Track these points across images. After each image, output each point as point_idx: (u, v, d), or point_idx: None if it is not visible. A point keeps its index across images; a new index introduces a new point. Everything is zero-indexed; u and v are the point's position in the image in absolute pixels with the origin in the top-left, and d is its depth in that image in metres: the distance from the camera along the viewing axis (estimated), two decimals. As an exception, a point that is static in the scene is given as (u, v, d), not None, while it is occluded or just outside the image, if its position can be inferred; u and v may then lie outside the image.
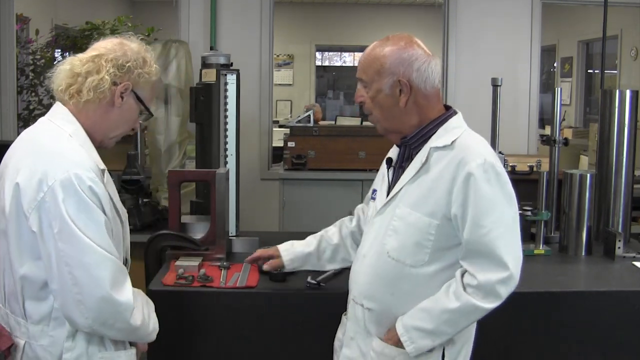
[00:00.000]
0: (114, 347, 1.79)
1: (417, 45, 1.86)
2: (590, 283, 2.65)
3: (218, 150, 2.97)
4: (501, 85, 3.21)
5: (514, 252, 1.76)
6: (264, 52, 4.72)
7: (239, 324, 2.33)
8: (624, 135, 3.12)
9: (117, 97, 1.78)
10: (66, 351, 1.72)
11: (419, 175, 1.84)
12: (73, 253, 1.62)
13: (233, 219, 2.95)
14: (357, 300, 1.94)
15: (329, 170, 4.67)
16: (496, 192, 1.75)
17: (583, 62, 9.11)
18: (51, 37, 5.78)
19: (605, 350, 2.38)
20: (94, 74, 1.75)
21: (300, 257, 2.22)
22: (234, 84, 2.96)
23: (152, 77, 1.83)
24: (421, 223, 1.80)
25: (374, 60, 1.85)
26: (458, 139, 1.82)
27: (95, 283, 1.63)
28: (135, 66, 1.79)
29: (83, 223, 1.62)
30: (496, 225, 1.74)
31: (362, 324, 1.92)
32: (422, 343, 1.80)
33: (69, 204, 1.61)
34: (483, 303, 1.75)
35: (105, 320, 1.67)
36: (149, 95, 1.85)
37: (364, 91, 1.89)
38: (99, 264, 1.63)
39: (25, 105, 5.30)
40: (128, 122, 1.85)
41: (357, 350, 1.93)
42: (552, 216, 3.07)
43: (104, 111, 1.79)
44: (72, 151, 1.69)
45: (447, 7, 4.88)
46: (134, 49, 1.81)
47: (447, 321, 1.78)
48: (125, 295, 1.68)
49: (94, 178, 1.66)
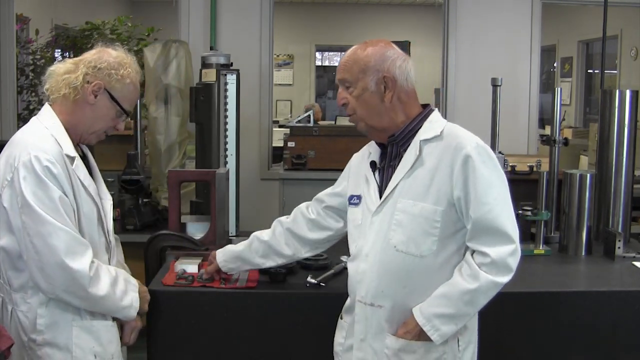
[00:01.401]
0: (89, 316, 1.98)
1: (395, 48, 1.97)
2: (590, 283, 2.64)
3: (218, 150, 2.98)
4: (501, 85, 3.20)
5: (514, 226, 1.85)
6: (264, 52, 4.71)
7: (239, 324, 2.32)
8: (624, 135, 3.13)
9: (90, 94, 1.98)
10: (39, 317, 1.92)
11: (414, 168, 1.89)
12: (31, 224, 1.84)
13: (233, 219, 2.96)
14: (365, 301, 1.93)
15: (328, 170, 4.65)
16: (491, 172, 1.85)
17: (583, 62, 9.11)
18: (51, 37, 5.78)
19: (605, 350, 2.38)
20: (70, 74, 1.98)
21: (233, 257, 2.31)
22: (234, 84, 2.96)
23: (126, 80, 2.02)
24: (426, 212, 1.85)
25: (357, 60, 1.94)
26: (445, 129, 1.92)
27: (49, 250, 1.84)
28: (107, 67, 1.99)
29: (38, 198, 1.84)
30: (497, 201, 1.83)
31: (373, 324, 1.92)
32: (446, 329, 1.84)
33: (28, 182, 1.85)
34: (499, 278, 1.82)
35: (66, 287, 1.87)
36: (125, 96, 2.03)
37: (346, 92, 1.96)
38: (51, 233, 1.84)
39: (25, 105, 5.30)
40: (104, 119, 2.03)
41: (370, 351, 1.93)
42: (552, 216, 3.07)
43: (79, 108, 2.00)
44: (38, 139, 1.92)
45: (447, 7, 4.88)
46: (112, 54, 2.04)
47: (468, 302, 1.83)
48: (80, 263, 1.87)
49: (51, 159, 1.87)
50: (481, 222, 1.82)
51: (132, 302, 2.04)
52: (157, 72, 4.09)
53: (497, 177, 1.86)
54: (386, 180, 1.96)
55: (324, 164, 4.66)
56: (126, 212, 3.59)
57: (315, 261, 2.53)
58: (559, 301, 2.38)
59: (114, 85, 2.00)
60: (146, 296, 2.18)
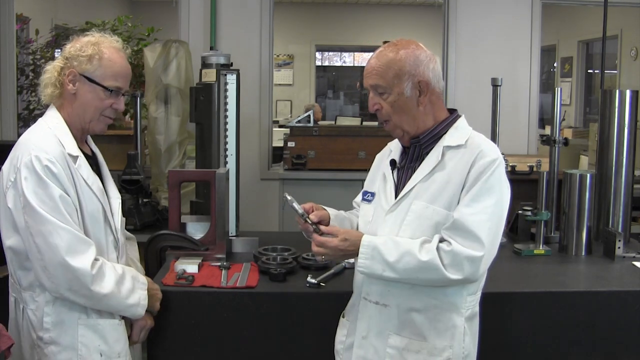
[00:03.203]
0: (96, 315, 1.98)
1: (423, 47, 1.93)
2: (590, 283, 2.64)
3: (218, 150, 2.97)
4: (501, 85, 3.21)
5: (491, 240, 1.82)
6: (264, 52, 4.71)
7: (239, 324, 2.33)
8: (624, 135, 3.13)
9: (67, 84, 1.99)
10: (46, 315, 1.94)
11: (433, 172, 1.88)
12: (33, 223, 1.85)
13: (233, 219, 2.95)
14: (369, 298, 1.94)
15: (328, 170, 4.67)
16: (497, 186, 1.84)
17: (583, 62, 9.11)
18: (51, 37, 5.77)
19: (605, 350, 2.38)
20: (48, 72, 2.01)
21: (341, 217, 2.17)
22: (234, 84, 2.96)
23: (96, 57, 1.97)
24: (437, 215, 1.85)
25: (390, 65, 1.88)
26: (470, 138, 1.91)
27: (51, 249, 1.85)
28: (75, 54, 1.98)
29: (39, 197, 1.85)
30: (485, 210, 1.81)
31: (376, 322, 1.93)
32: (375, 266, 1.84)
33: (29, 182, 1.86)
34: (446, 269, 1.79)
35: (69, 285, 1.88)
36: (104, 74, 1.99)
37: (379, 98, 1.91)
38: (52, 232, 1.85)
39: (25, 105, 5.30)
40: (92, 103, 2.01)
41: (371, 349, 1.94)
42: (552, 216, 3.07)
43: (68, 101, 2.01)
44: (39, 139, 1.93)
45: (447, 7, 4.88)
46: (82, 40, 2.02)
47: (407, 265, 1.81)
48: (82, 262, 1.87)
49: (51, 159, 1.88)
50: (461, 221, 1.81)
51: (140, 300, 2.03)
52: (157, 72, 4.09)
53: (500, 192, 1.85)
54: (404, 180, 1.95)
55: (324, 164, 4.67)
56: (126, 212, 3.59)
57: (315, 261, 2.53)
58: (559, 301, 2.38)
59: (85, 67, 1.97)
60: (157, 294, 2.18)
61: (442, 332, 1.88)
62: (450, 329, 1.89)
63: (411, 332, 1.89)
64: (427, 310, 1.88)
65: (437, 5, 5.58)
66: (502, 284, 2.43)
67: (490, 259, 1.85)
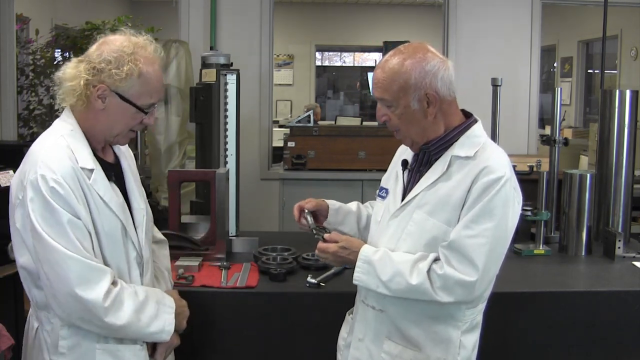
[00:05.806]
0: (115, 340, 1.81)
1: (432, 52, 1.83)
2: (590, 283, 2.64)
3: (218, 150, 2.97)
4: (501, 85, 3.20)
5: (487, 265, 1.76)
6: (264, 52, 4.72)
7: (239, 324, 2.33)
8: (624, 135, 3.12)
9: (95, 99, 1.77)
10: (61, 339, 1.78)
11: (437, 182, 1.83)
12: (41, 250, 1.70)
13: (233, 219, 2.95)
14: (367, 302, 1.93)
15: (328, 170, 4.68)
16: (500, 209, 1.76)
17: (583, 62, 9.11)
18: (51, 37, 5.78)
19: (605, 350, 2.38)
20: (71, 80, 1.77)
21: (343, 211, 2.15)
22: (234, 84, 2.96)
23: (132, 75, 1.75)
24: (436, 229, 1.80)
25: (395, 78, 1.80)
26: (480, 150, 1.82)
27: (60, 280, 1.69)
28: (108, 67, 1.75)
29: (46, 222, 1.68)
30: (485, 233, 1.74)
31: (372, 326, 1.92)
32: (370, 281, 1.84)
33: (35, 204, 1.69)
34: (436, 292, 1.76)
35: (81, 316, 1.72)
36: (138, 92, 1.78)
37: (387, 110, 1.85)
38: (60, 262, 1.68)
39: (25, 105, 5.31)
40: (122, 121, 1.81)
41: (366, 352, 1.93)
42: (552, 216, 3.07)
43: (92, 114, 1.80)
44: (48, 152, 1.73)
45: (447, 7, 4.88)
46: (113, 48, 1.77)
47: (398, 286, 1.79)
48: (94, 293, 1.70)
49: (58, 179, 1.69)
50: (458, 243, 1.75)
51: (165, 326, 1.84)
52: (157, 72, 4.09)
53: (503, 214, 1.76)
54: (412, 183, 1.91)
55: (324, 164, 4.67)
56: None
57: (316, 261, 2.53)
58: (559, 301, 2.38)
59: (119, 85, 1.75)
60: (184, 312, 2.00)
61: (437, 343, 1.85)
62: (445, 341, 1.85)
63: (406, 340, 1.87)
64: (422, 321, 1.86)
65: (437, 5, 5.58)
66: (502, 284, 2.42)
67: (487, 282, 1.80)
